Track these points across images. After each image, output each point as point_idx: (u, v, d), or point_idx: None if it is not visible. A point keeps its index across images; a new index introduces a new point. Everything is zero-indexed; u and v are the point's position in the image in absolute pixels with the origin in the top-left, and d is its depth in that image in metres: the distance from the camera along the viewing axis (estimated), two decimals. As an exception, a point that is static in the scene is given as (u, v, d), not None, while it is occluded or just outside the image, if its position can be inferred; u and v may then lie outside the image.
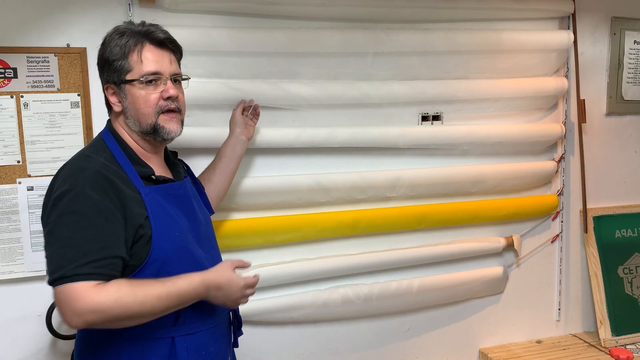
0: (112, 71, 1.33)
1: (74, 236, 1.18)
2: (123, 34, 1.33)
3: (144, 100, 1.33)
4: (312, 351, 2.22)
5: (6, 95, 1.77)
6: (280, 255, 2.11)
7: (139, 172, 1.33)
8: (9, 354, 1.84)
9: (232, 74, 1.96)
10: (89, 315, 1.15)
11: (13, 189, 1.79)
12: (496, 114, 2.34)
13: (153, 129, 1.35)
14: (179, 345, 1.32)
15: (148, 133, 1.36)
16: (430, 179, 2.21)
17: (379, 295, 2.18)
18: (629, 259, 2.60)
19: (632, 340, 2.51)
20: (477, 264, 2.40)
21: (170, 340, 1.32)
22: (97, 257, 1.19)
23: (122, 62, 1.32)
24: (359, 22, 2.11)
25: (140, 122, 1.35)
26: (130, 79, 1.32)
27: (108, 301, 1.16)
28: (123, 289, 1.18)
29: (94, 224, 1.20)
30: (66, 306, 1.16)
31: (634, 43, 2.57)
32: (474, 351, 2.48)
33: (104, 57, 1.34)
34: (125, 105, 1.35)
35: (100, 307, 1.15)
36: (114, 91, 1.36)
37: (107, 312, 1.16)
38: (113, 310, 1.16)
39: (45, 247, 1.23)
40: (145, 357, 1.30)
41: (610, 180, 2.61)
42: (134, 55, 1.32)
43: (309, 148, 2.08)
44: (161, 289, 1.22)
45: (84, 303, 1.15)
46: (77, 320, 1.16)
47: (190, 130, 1.88)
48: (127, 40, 1.32)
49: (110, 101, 1.37)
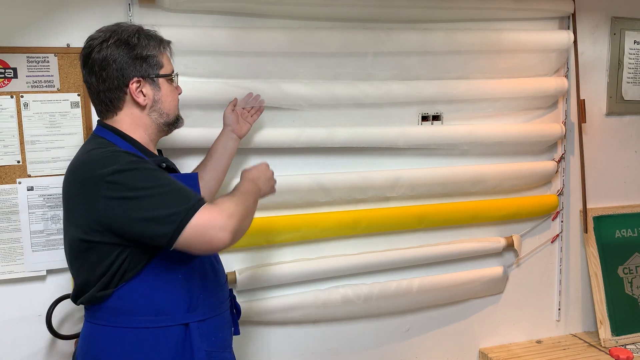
0: (147, 65, 1.41)
1: (166, 187, 1.25)
2: (151, 37, 1.44)
3: (174, 94, 1.48)
4: (312, 351, 2.22)
5: (6, 95, 1.77)
6: (280, 255, 2.11)
7: (152, 161, 1.38)
8: (9, 354, 1.84)
9: (232, 74, 1.96)
10: (230, 222, 1.24)
11: (13, 189, 1.79)
12: (496, 113, 2.34)
13: (176, 118, 1.50)
14: (193, 330, 1.37)
15: (172, 124, 1.49)
16: (430, 179, 2.21)
17: (379, 295, 2.18)
18: (629, 259, 2.60)
19: (632, 340, 2.51)
20: (477, 264, 2.40)
21: (184, 326, 1.36)
22: (198, 192, 1.32)
23: (157, 58, 1.43)
24: (359, 22, 2.11)
25: (169, 114, 1.47)
26: (164, 74, 1.44)
27: (229, 204, 1.28)
28: (225, 196, 1.34)
29: (165, 175, 1.30)
30: (207, 231, 1.23)
31: (634, 43, 2.57)
32: (474, 351, 2.48)
33: (138, 53, 1.39)
34: (156, 98, 1.43)
35: (230, 210, 1.26)
36: (140, 85, 1.40)
37: (236, 212, 1.27)
38: (237, 209, 1.28)
39: (139, 216, 1.24)
40: (162, 344, 1.34)
41: (610, 180, 2.61)
42: (164, 55, 1.46)
43: (309, 148, 2.08)
44: (239, 191, 1.39)
45: (219, 216, 1.24)
46: (225, 234, 1.23)
47: (190, 131, 1.88)
48: (156, 43, 1.44)
49: (134, 95, 1.40)
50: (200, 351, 1.37)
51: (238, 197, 1.34)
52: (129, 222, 1.24)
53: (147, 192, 1.24)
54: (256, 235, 2.02)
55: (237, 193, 1.38)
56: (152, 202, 1.23)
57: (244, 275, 2.01)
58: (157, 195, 1.24)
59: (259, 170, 1.56)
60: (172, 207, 1.22)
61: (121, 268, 1.30)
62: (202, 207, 1.24)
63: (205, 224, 1.22)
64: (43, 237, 1.82)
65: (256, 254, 2.09)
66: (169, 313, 1.34)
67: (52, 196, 1.82)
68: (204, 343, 1.39)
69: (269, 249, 2.10)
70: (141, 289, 1.33)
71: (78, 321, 1.88)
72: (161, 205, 1.23)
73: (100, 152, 1.31)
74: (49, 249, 1.83)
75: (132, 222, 1.24)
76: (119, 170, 1.24)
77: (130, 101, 1.41)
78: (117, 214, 1.24)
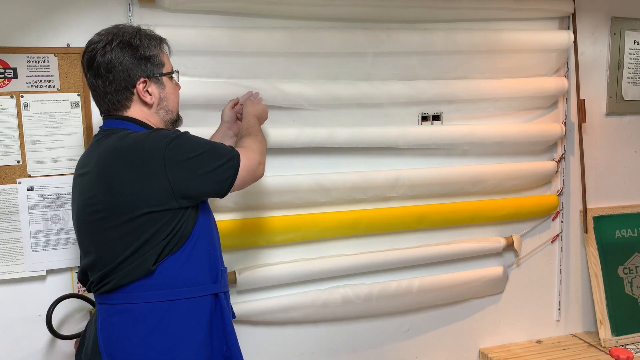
0: (152, 64, 1.46)
1: (213, 143, 1.44)
2: (151, 37, 1.48)
3: (176, 92, 1.55)
4: (312, 351, 2.22)
5: (6, 95, 1.77)
6: (280, 255, 2.11)
7: None
8: (9, 354, 1.84)
9: (232, 74, 1.96)
10: (262, 157, 1.52)
11: (13, 189, 1.79)
12: (496, 113, 2.34)
13: (178, 116, 1.57)
14: (222, 300, 1.47)
15: (174, 122, 1.55)
16: (430, 179, 2.21)
17: (379, 295, 2.18)
18: (629, 259, 2.60)
19: (632, 340, 2.51)
20: (477, 264, 2.40)
21: (214, 296, 1.47)
22: None
23: (159, 57, 1.48)
24: (359, 22, 2.11)
25: (172, 111, 1.53)
26: (167, 72, 1.49)
27: (256, 145, 1.52)
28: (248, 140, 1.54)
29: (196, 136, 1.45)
30: (253, 168, 1.47)
31: (634, 43, 2.57)
32: (474, 351, 2.48)
33: (143, 54, 1.44)
34: (162, 96, 1.49)
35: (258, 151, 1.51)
36: (147, 84, 1.45)
37: (260, 148, 1.52)
38: (260, 148, 1.53)
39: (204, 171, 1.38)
40: (199, 313, 1.43)
41: (610, 180, 2.61)
42: (164, 54, 1.51)
43: (309, 148, 2.08)
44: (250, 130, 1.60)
45: (255, 155, 1.49)
46: (263, 167, 1.52)
47: (190, 131, 1.88)
48: (156, 42, 1.48)
49: (140, 94, 1.44)
50: (228, 319, 1.48)
51: (254, 137, 1.55)
52: (197, 178, 1.37)
53: (203, 149, 1.39)
54: (256, 235, 2.02)
55: (252, 132, 1.58)
56: (210, 156, 1.39)
57: (244, 275, 2.01)
58: (210, 150, 1.40)
59: (258, 104, 1.77)
60: (225, 156, 1.41)
61: (172, 240, 1.38)
62: (240, 151, 1.44)
63: (250, 164, 1.45)
64: (43, 237, 1.82)
65: (256, 254, 2.09)
66: (202, 283, 1.44)
67: (52, 196, 1.82)
68: (229, 312, 1.50)
69: (269, 249, 2.10)
70: (179, 263, 1.40)
71: (78, 321, 1.89)
72: (218, 158, 1.40)
73: (139, 134, 1.39)
74: (49, 249, 1.83)
75: (199, 178, 1.38)
76: (174, 138, 1.37)
77: (137, 101, 1.45)
78: (185, 175, 1.36)
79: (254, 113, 1.72)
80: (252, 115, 1.70)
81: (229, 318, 1.49)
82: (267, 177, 2.02)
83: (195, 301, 1.43)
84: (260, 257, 2.09)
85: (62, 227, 1.84)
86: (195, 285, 1.43)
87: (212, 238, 1.50)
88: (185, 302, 1.41)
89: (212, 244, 1.49)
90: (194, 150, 1.38)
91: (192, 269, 1.42)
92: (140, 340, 1.37)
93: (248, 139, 1.54)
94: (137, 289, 1.38)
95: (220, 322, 1.48)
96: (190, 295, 1.42)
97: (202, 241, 1.45)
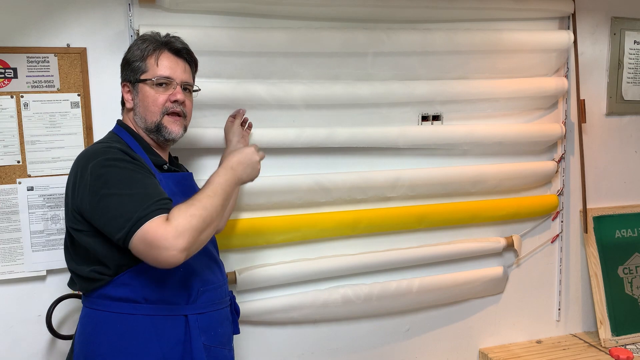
0: (130, 70, 1.48)
1: (132, 190, 1.25)
2: (146, 40, 1.49)
3: (153, 100, 1.45)
4: (312, 351, 2.22)
5: (6, 95, 1.77)
6: (280, 255, 2.11)
7: (152, 160, 1.45)
8: (9, 354, 1.84)
9: (232, 74, 1.96)
10: (178, 241, 1.19)
11: (13, 189, 1.79)
12: (496, 114, 2.34)
13: (157, 127, 1.47)
14: (192, 323, 1.39)
15: (152, 131, 1.48)
16: (430, 179, 2.21)
17: (379, 295, 2.18)
18: (629, 259, 2.60)
19: (632, 340, 2.51)
20: (477, 264, 2.40)
21: (184, 318, 1.38)
22: (158, 197, 1.26)
23: (139, 63, 1.46)
24: (359, 22, 2.11)
25: (146, 120, 1.47)
26: (144, 79, 1.45)
27: (182, 220, 1.21)
28: (182, 207, 1.24)
29: (142, 178, 1.30)
30: (152, 250, 1.20)
31: (634, 43, 2.57)
32: (474, 351, 2.48)
33: (126, 57, 1.50)
34: (136, 102, 1.48)
35: (180, 228, 1.19)
36: (129, 89, 1.49)
37: (188, 228, 1.20)
38: (191, 224, 1.21)
39: (102, 214, 1.27)
40: (160, 334, 1.36)
41: (610, 180, 2.61)
42: (151, 59, 1.46)
43: (309, 148, 2.08)
44: (207, 191, 1.30)
45: (166, 233, 1.18)
46: (172, 254, 1.19)
47: (189, 131, 1.88)
48: (148, 45, 1.47)
49: (124, 98, 1.51)
50: (198, 343, 1.38)
51: (199, 204, 1.26)
52: (95, 214, 1.28)
53: (116, 190, 1.25)
54: (256, 235, 2.02)
55: (203, 195, 1.29)
56: (116, 202, 1.24)
57: (244, 275, 2.01)
58: (123, 195, 1.24)
59: (243, 155, 1.44)
60: (128, 212, 1.22)
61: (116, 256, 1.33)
62: (154, 218, 1.20)
63: (151, 242, 1.19)
64: (43, 237, 1.82)
65: (256, 254, 2.09)
66: (169, 303, 1.37)
67: (52, 196, 1.82)
68: (203, 336, 1.41)
69: (269, 249, 2.10)
70: (140, 279, 1.35)
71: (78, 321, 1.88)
72: (121, 207, 1.23)
73: (99, 145, 1.39)
74: (49, 249, 1.83)
75: (96, 215, 1.28)
76: (100, 164, 1.29)
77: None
78: (88, 204, 1.29)
79: (231, 164, 1.41)
80: (228, 167, 1.40)
81: (200, 343, 1.39)
82: (267, 177, 2.02)
83: (156, 320, 1.36)
84: (260, 257, 2.09)
85: (62, 227, 1.84)
86: (161, 304, 1.36)
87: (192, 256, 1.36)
88: (145, 319, 1.35)
89: (191, 262, 1.36)
90: (105, 186, 1.27)
91: (157, 287, 1.36)
92: (109, 346, 1.35)
93: (185, 206, 1.25)
94: (101, 297, 1.37)
95: (188, 347, 1.38)
96: (151, 313, 1.35)
97: None
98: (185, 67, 1.53)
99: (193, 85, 1.57)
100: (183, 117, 1.51)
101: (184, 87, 1.51)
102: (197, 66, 1.61)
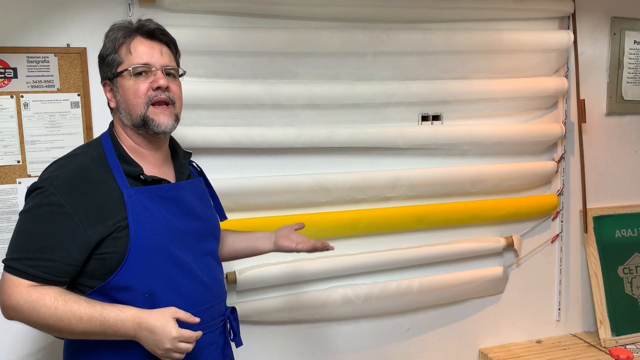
0: (106, 66, 1.34)
1: (22, 230, 1.24)
2: (114, 29, 1.34)
3: (133, 91, 1.31)
4: (312, 351, 2.22)
5: (6, 95, 1.77)
6: (280, 255, 2.11)
7: (126, 170, 1.31)
8: (9, 353, 1.84)
9: (232, 74, 1.96)
10: (10, 311, 1.21)
11: (13, 189, 1.79)
12: (496, 113, 2.34)
13: (142, 121, 1.32)
14: None
15: (139, 126, 1.33)
16: (430, 179, 2.21)
17: (379, 295, 2.18)
18: (629, 259, 2.60)
19: (632, 340, 2.51)
20: (477, 264, 2.40)
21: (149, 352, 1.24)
22: (31, 256, 1.21)
23: (113, 55, 1.32)
24: (359, 22, 2.11)
25: (130, 115, 1.33)
26: (120, 71, 1.32)
27: (25, 306, 1.18)
28: (47, 298, 1.18)
29: (44, 224, 1.22)
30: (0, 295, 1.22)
31: (634, 43, 2.57)
32: (474, 351, 2.48)
33: (100, 53, 1.36)
34: (117, 99, 1.34)
35: (17, 308, 1.19)
36: (109, 87, 1.36)
37: (23, 314, 1.19)
38: (29, 315, 1.19)
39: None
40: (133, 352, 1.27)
41: (610, 180, 2.61)
42: (123, 48, 1.32)
43: (309, 148, 2.08)
44: (86, 310, 1.19)
45: (8, 298, 1.20)
46: (3, 312, 1.22)
47: (189, 131, 1.89)
48: (117, 34, 1.33)
49: (107, 98, 1.38)
50: None
51: (65, 314, 1.17)
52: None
53: (21, 221, 1.25)
54: (256, 235, 2.02)
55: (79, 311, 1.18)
56: (15, 231, 1.25)
57: (244, 275, 2.01)
58: (20, 229, 1.24)
59: (163, 329, 1.18)
60: (13, 249, 1.23)
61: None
62: (7, 273, 1.20)
63: (2, 288, 1.20)
64: (43, 237, 1.82)
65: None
66: None
67: (52, 196, 1.82)
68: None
69: (269, 249, 2.10)
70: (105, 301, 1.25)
71: (78, 321, 1.89)
72: (14, 238, 1.24)
73: (64, 155, 1.35)
74: (49, 249, 1.83)
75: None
76: (35, 187, 1.27)
77: None
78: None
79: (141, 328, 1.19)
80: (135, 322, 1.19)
81: None
82: (267, 177, 2.02)
83: (118, 352, 1.26)
84: (261, 257, 2.08)
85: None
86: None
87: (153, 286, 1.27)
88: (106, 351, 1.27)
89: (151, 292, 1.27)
90: (22, 211, 1.26)
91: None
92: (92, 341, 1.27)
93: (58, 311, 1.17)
94: None
95: None
96: (112, 345, 1.25)
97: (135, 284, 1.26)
98: (163, 49, 1.35)
99: (177, 69, 1.39)
100: (172, 104, 1.34)
101: (167, 72, 1.34)
102: (177, 47, 1.42)
